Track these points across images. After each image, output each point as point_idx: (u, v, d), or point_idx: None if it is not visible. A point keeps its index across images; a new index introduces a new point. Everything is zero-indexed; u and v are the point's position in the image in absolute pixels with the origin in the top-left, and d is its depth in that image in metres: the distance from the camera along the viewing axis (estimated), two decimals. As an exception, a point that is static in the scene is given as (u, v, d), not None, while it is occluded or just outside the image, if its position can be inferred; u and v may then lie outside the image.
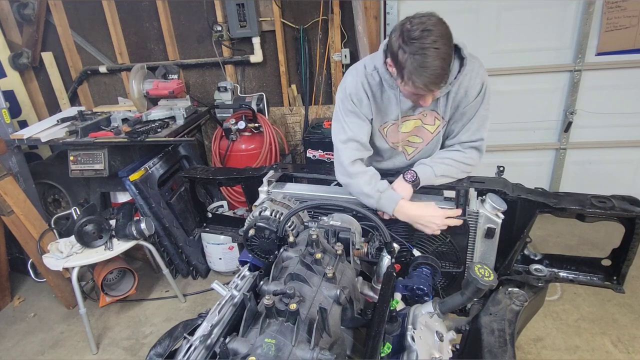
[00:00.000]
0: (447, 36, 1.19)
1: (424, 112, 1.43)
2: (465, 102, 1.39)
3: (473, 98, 1.37)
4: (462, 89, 1.37)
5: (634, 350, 2.09)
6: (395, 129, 1.47)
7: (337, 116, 1.46)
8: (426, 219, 1.35)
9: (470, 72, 1.35)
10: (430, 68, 1.16)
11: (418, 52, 1.15)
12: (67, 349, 2.48)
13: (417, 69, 1.16)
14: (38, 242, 2.52)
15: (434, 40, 1.14)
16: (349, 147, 1.42)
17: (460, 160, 1.44)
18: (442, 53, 1.16)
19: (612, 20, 2.65)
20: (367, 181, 1.40)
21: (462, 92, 1.37)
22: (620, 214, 1.31)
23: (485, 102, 1.39)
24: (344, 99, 1.43)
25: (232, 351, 0.81)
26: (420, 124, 1.46)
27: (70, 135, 2.71)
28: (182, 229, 2.86)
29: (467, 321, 1.31)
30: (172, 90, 2.98)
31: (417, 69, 1.16)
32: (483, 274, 1.02)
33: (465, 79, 1.35)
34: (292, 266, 1.01)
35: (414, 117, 1.45)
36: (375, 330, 0.91)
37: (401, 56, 1.18)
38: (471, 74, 1.35)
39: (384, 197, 1.37)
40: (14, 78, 3.29)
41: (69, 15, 3.27)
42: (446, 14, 3.18)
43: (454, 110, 1.42)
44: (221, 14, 3.03)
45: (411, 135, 1.50)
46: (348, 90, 1.41)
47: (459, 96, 1.38)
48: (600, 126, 2.98)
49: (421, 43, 1.15)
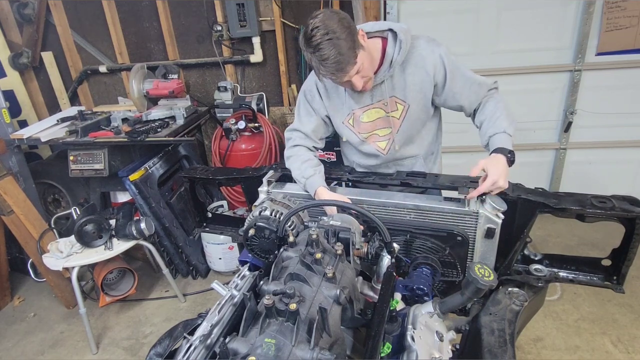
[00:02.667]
0: (340, 24, 1.25)
1: (383, 101, 1.49)
2: (433, 81, 1.45)
3: (442, 73, 1.44)
4: (419, 69, 1.44)
5: (634, 350, 2.09)
6: (358, 119, 1.54)
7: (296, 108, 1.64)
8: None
9: (421, 50, 1.43)
10: (330, 59, 1.25)
11: (315, 50, 1.25)
12: (67, 349, 2.48)
13: (320, 64, 1.27)
14: (38, 242, 2.52)
15: (323, 34, 1.23)
16: (294, 135, 1.60)
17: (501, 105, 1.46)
18: (335, 42, 1.24)
19: (612, 20, 2.65)
20: (297, 166, 1.52)
21: (422, 72, 1.44)
22: (620, 214, 1.31)
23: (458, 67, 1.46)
24: (301, 94, 1.61)
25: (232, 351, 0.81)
26: (384, 114, 1.52)
27: (70, 135, 2.72)
28: (182, 228, 2.86)
29: (467, 321, 1.31)
30: (172, 90, 2.98)
31: (320, 64, 1.27)
32: (483, 273, 1.02)
33: (417, 59, 1.43)
34: (292, 266, 1.01)
35: (373, 106, 1.51)
36: (375, 330, 0.92)
37: (307, 58, 1.30)
38: (422, 52, 1.43)
39: (308, 184, 1.49)
40: (14, 78, 3.30)
41: (69, 15, 3.27)
42: (446, 14, 3.19)
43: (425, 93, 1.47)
44: (221, 13, 3.03)
45: (377, 129, 1.55)
46: (304, 87, 1.59)
47: (420, 76, 1.44)
48: (600, 126, 2.98)
49: (314, 41, 1.24)
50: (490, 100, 1.48)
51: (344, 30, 1.25)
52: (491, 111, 1.45)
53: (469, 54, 2.90)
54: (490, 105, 1.47)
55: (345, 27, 1.26)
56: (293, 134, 1.60)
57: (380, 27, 1.46)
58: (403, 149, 1.60)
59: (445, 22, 2.84)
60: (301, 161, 1.52)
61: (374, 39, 1.45)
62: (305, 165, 1.50)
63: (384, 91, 1.48)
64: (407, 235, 1.35)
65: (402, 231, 1.34)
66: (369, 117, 1.54)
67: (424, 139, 1.62)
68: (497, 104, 1.46)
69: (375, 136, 1.57)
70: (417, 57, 1.43)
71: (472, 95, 1.48)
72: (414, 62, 1.44)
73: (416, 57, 1.43)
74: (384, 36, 1.46)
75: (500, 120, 1.41)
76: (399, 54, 1.41)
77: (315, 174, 1.48)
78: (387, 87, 1.47)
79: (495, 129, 1.41)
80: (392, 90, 1.47)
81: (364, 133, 1.57)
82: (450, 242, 1.33)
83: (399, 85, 1.47)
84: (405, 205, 1.41)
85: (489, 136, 1.42)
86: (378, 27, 1.46)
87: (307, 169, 1.50)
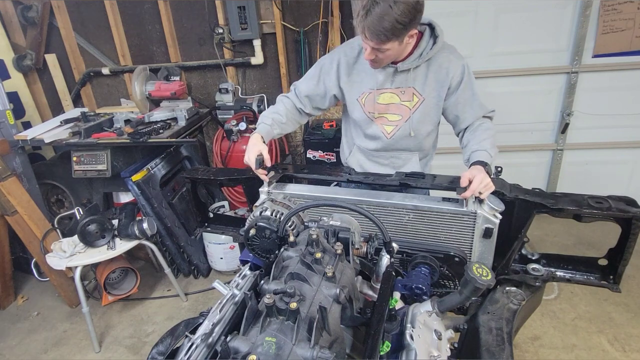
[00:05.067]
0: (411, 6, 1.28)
1: (401, 89, 1.56)
2: (449, 83, 1.52)
3: (458, 79, 1.52)
4: (442, 69, 1.52)
5: (630, 349, 2.10)
6: (372, 98, 1.59)
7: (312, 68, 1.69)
8: (247, 148, 1.52)
9: (449, 54, 1.52)
10: (374, 17, 1.28)
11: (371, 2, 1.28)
12: (70, 347, 2.50)
13: (364, 10, 1.29)
14: (41, 242, 2.54)
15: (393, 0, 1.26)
16: (292, 89, 1.71)
17: (491, 132, 1.54)
18: (393, 14, 1.26)
19: (608, 22, 2.67)
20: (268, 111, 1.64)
21: (444, 72, 1.52)
22: (616, 214, 1.32)
23: (472, 82, 1.55)
24: (320, 61, 1.66)
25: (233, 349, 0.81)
26: (398, 101, 1.58)
27: (73, 136, 2.74)
28: (183, 228, 2.88)
29: (465, 320, 1.32)
30: (174, 91, 3.01)
31: (364, 10, 1.29)
32: (481, 273, 1.02)
33: (444, 60, 1.51)
34: (293, 265, 1.02)
35: (390, 90, 1.57)
36: (375, 329, 0.92)
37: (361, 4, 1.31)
38: (449, 56, 1.52)
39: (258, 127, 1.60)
40: (18, 80, 3.32)
41: (72, 17, 3.29)
42: (445, 16, 3.21)
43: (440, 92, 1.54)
44: (222, 16, 3.05)
45: (388, 113, 1.61)
46: (324, 59, 1.65)
47: (441, 76, 1.52)
48: (596, 127, 3.00)
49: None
50: (482, 126, 1.55)
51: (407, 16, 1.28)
52: (480, 134, 1.53)
53: (467, 56, 2.88)
54: (480, 130, 1.54)
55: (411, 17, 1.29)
56: (292, 88, 1.71)
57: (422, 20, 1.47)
58: (404, 140, 1.66)
59: (444, 24, 2.82)
60: (272, 111, 1.64)
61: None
62: (270, 116, 1.61)
63: (405, 80, 1.54)
64: (403, 255, 1.37)
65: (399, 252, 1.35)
66: (384, 100, 1.60)
67: (425, 138, 1.67)
68: (487, 130, 1.54)
69: (384, 119, 1.63)
70: (444, 58, 1.51)
71: (470, 111, 1.56)
72: (440, 62, 1.51)
73: (444, 57, 1.51)
74: (421, 30, 1.51)
75: (485, 142, 1.49)
76: (431, 49, 1.48)
77: (268, 125, 1.58)
78: (410, 77, 1.53)
79: (478, 147, 1.48)
80: (413, 81, 1.54)
81: (375, 112, 1.61)
82: (448, 262, 1.36)
83: (420, 79, 1.53)
84: (404, 206, 1.43)
85: (472, 151, 1.49)
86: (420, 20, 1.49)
87: (269, 118, 1.61)
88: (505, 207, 1.36)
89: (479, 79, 2.93)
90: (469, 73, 1.54)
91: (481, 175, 1.33)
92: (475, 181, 1.32)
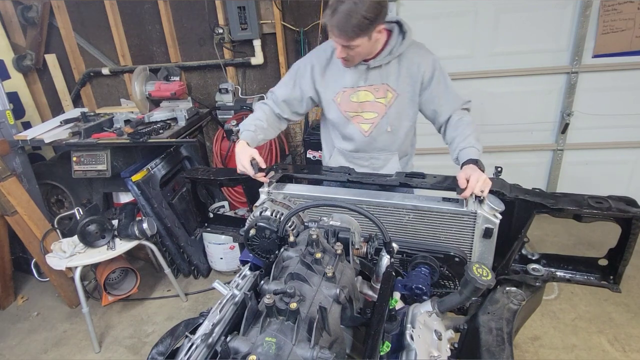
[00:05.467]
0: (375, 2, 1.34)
1: (375, 86, 1.59)
2: (421, 78, 1.57)
3: (430, 74, 1.56)
4: (413, 65, 1.56)
5: (630, 349, 2.10)
6: (347, 97, 1.63)
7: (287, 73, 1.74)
8: (236, 159, 1.55)
9: (419, 49, 1.58)
10: (341, 14, 1.34)
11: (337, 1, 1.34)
12: (70, 348, 2.50)
13: (331, 9, 1.36)
14: (41, 242, 2.54)
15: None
16: (269, 96, 1.74)
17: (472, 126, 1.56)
18: (358, 10, 1.32)
19: (608, 22, 2.67)
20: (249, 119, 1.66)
21: (415, 67, 1.56)
22: (616, 214, 1.32)
23: (445, 75, 1.59)
24: (294, 65, 1.71)
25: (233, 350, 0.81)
26: (373, 98, 1.61)
27: (73, 136, 2.74)
28: (183, 228, 2.88)
29: (465, 320, 1.32)
30: (174, 91, 3.01)
31: (331, 9, 1.36)
32: (481, 273, 1.02)
33: (414, 55, 1.56)
34: (293, 266, 1.02)
35: (364, 89, 1.61)
36: (375, 329, 0.92)
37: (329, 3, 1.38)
38: (419, 51, 1.57)
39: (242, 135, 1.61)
40: (18, 80, 3.32)
41: (72, 17, 3.29)
42: (444, 16, 3.21)
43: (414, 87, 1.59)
44: (222, 16, 3.05)
45: (364, 111, 1.64)
46: (299, 62, 1.69)
47: (412, 71, 1.57)
48: (596, 127, 3.00)
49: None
50: (462, 121, 1.57)
51: (372, 12, 1.35)
52: (462, 130, 1.55)
53: (467, 56, 2.92)
54: (462, 125, 1.56)
55: (376, 12, 1.36)
56: (269, 95, 1.75)
57: (389, 19, 1.53)
58: (382, 138, 1.68)
59: (444, 24, 2.86)
60: (254, 117, 1.66)
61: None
62: (252, 123, 1.64)
63: (378, 77, 1.58)
64: (403, 256, 1.37)
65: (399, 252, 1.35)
66: (358, 98, 1.63)
67: (402, 135, 1.69)
68: (469, 125, 1.56)
69: (360, 117, 1.66)
70: (415, 54, 1.57)
71: (446, 104, 1.60)
72: (410, 57, 1.57)
73: (414, 53, 1.57)
74: (390, 28, 1.55)
75: (470, 138, 1.51)
76: (401, 44, 1.53)
77: (252, 131, 1.61)
78: (382, 74, 1.58)
79: (465, 144, 1.50)
80: (385, 78, 1.58)
81: (351, 112, 1.65)
82: (448, 262, 1.36)
83: (393, 75, 1.58)
84: (404, 206, 1.43)
85: (460, 150, 1.51)
86: (388, 19, 1.53)
87: (251, 124, 1.63)
88: (505, 207, 1.36)
89: (479, 79, 2.96)
90: (440, 67, 1.58)
91: (476, 173, 1.35)
92: (472, 180, 1.33)
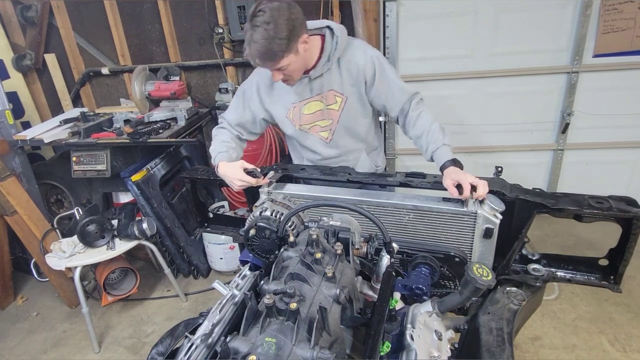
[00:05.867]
0: (286, 23, 1.32)
1: (322, 95, 1.59)
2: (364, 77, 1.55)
3: (371, 72, 1.54)
4: (353, 65, 1.54)
5: (631, 349, 2.10)
6: (299, 111, 1.63)
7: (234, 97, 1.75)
8: (229, 179, 1.53)
9: (355, 49, 1.55)
10: (256, 44, 1.33)
11: (251, 29, 1.33)
12: (70, 348, 2.50)
13: (247, 43, 1.36)
14: (41, 242, 2.54)
15: (264, 22, 1.30)
16: (220, 121, 1.75)
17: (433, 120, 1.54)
18: (271, 36, 1.31)
19: (608, 22, 2.66)
20: (216, 143, 1.65)
21: (354, 68, 1.54)
22: (617, 214, 1.31)
23: (386, 69, 1.56)
24: (240, 89, 1.71)
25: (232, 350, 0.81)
26: (324, 107, 1.61)
27: (72, 136, 2.73)
28: (183, 229, 2.88)
29: (466, 320, 1.32)
30: (174, 91, 3.00)
31: (247, 43, 1.36)
32: (481, 273, 1.02)
33: (352, 56, 1.54)
34: (293, 266, 1.02)
35: (313, 99, 1.61)
36: (375, 329, 0.92)
37: (245, 29, 1.36)
38: (356, 51, 1.54)
39: (216, 158, 1.60)
40: (17, 79, 3.32)
41: (72, 17, 3.29)
42: (445, 16, 3.20)
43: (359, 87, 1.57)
44: (222, 16, 3.04)
45: (319, 120, 1.64)
46: (244, 85, 1.69)
47: (353, 71, 1.55)
48: (597, 127, 2.99)
49: (254, 21, 1.31)
50: (421, 117, 1.55)
51: (285, 29, 1.32)
52: (424, 126, 1.53)
53: (467, 56, 2.92)
54: (422, 120, 1.55)
55: (290, 28, 1.33)
56: (221, 121, 1.75)
57: (319, 24, 1.54)
58: (344, 141, 1.69)
59: (444, 24, 2.85)
60: (220, 141, 1.66)
61: (314, 37, 1.52)
62: (222, 145, 1.63)
63: (322, 85, 1.57)
64: (403, 256, 1.37)
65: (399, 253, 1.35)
66: (310, 109, 1.63)
67: (363, 132, 1.70)
68: (428, 121, 1.54)
69: (317, 127, 1.67)
70: (352, 54, 1.55)
71: (393, 99, 1.59)
72: (349, 58, 1.54)
73: (351, 53, 1.55)
74: (322, 33, 1.54)
75: (436, 134, 1.50)
76: (335, 49, 1.51)
77: (225, 152, 1.60)
78: (325, 81, 1.57)
79: (435, 144, 1.50)
80: (329, 84, 1.58)
81: (306, 124, 1.66)
82: (448, 262, 1.35)
83: (336, 79, 1.57)
84: (404, 206, 1.43)
85: (432, 152, 1.50)
86: (318, 25, 1.53)
87: (221, 146, 1.63)
88: (505, 207, 1.36)
89: (479, 78, 2.95)
90: (380, 63, 1.55)
91: (461, 176, 1.35)
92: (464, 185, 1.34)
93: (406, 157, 3.27)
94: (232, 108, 1.72)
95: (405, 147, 3.24)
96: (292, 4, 1.36)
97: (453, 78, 2.98)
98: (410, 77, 2.99)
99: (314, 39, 1.52)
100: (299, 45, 1.40)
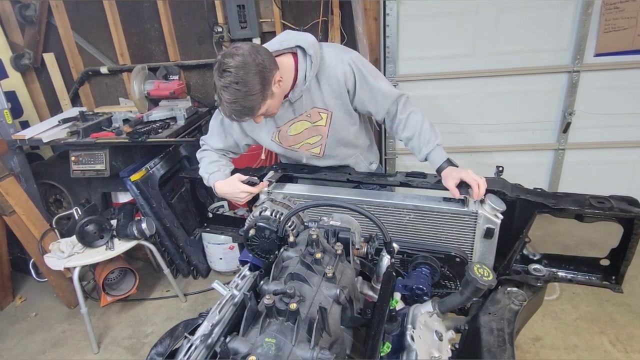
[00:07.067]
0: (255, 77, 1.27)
1: (306, 113, 1.55)
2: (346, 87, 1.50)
3: (352, 81, 1.49)
4: (332, 78, 1.48)
5: (632, 350, 2.10)
6: (285, 133, 1.61)
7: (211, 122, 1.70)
8: (231, 195, 1.53)
9: (331, 61, 1.47)
10: (231, 105, 1.30)
11: (223, 89, 1.28)
12: (69, 348, 2.49)
13: (219, 99, 1.33)
14: (39, 242, 2.53)
15: (233, 82, 1.26)
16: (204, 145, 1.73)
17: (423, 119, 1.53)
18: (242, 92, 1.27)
19: (610, 21, 2.66)
20: (205, 165, 1.65)
21: (334, 80, 1.48)
22: (618, 214, 1.31)
23: (366, 76, 1.49)
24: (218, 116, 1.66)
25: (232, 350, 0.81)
26: (310, 125, 1.58)
27: (71, 136, 2.72)
28: (182, 229, 2.87)
29: (466, 320, 1.31)
30: (173, 90, 2.99)
31: (219, 99, 1.33)
32: (482, 273, 1.02)
33: (329, 69, 1.47)
34: (292, 266, 1.01)
35: (298, 120, 1.57)
36: (375, 330, 0.92)
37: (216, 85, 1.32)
38: (332, 62, 1.47)
39: (210, 179, 1.61)
40: (16, 79, 3.30)
41: (71, 16, 3.28)
42: (445, 15, 3.20)
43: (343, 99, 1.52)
44: (222, 15, 3.04)
45: (308, 138, 1.62)
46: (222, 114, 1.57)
47: (334, 84, 1.49)
48: (598, 127, 2.99)
49: (223, 81, 1.27)
50: (410, 119, 1.53)
51: (256, 84, 1.28)
52: (414, 128, 1.51)
53: (468, 55, 2.91)
54: (411, 121, 1.53)
55: (260, 80, 1.29)
56: (204, 143, 1.72)
57: (288, 44, 1.47)
58: (338, 151, 1.67)
59: (445, 24, 2.85)
60: (209, 161, 1.65)
61: (285, 55, 1.47)
62: (212, 165, 1.63)
63: (304, 105, 1.53)
64: (403, 256, 1.36)
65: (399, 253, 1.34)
66: (296, 130, 1.60)
67: (354, 139, 1.68)
68: (416, 118, 1.52)
69: (307, 145, 1.64)
70: (329, 67, 1.48)
71: (376, 105, 1.55)
72: (327, 72, 1.48)
73: (327, 67, 1.48)
74: (294, 51, 1.48)
75: (427, 135, 1.49)
76: (310, 69, 1.45)
77: (217, 171, 1.61)
78: (306, 101, 1.52)
79: (428, 147, 1.48)
80: (311, 102, 1.53)
81: (295, 144, 1.64)
82: (449, 262, 1.35)
83: (317, 96, 1.52)
84: (405, 206, 1.42)
85: (425, 155, 1.49)
86: (287, 45, 1.47)
87: (211, 167, 1.63)
88: (506, 207, 1.35)
89: (480, 78, 2.95)
90: (358, 69, 1.48)
91: (463, 173, 1.36)
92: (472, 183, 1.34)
93: (406, 157, 3.26)
94: (214, 135, 1.68)
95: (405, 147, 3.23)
96: (254, 50, 1.30)
97: (453, 77, 2.97)
98: (410, 76, 2.98)
99: (285, 59, 1.46)
100: (273, 88, 1.35)
